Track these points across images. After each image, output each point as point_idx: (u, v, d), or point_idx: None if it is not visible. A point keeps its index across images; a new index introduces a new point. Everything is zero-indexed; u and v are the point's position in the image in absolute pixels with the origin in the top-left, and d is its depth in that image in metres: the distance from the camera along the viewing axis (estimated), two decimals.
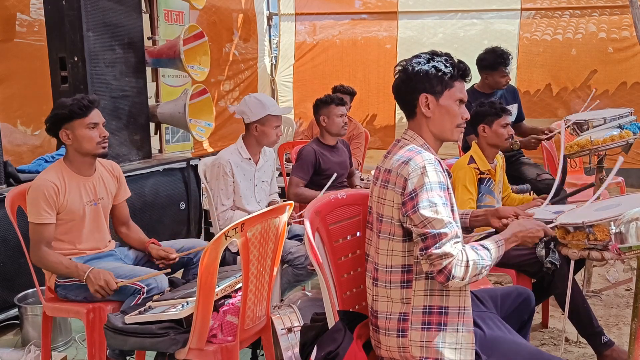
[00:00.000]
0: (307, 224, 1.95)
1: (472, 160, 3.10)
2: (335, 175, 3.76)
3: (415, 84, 1.92)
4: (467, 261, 1.73)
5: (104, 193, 2.84)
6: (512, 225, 1.97)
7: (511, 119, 3.29)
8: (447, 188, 1.83)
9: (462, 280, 1.73)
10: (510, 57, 4.15)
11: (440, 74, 1.90)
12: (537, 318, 3.36)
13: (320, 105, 3.91)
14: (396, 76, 1.99)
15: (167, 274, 2.72)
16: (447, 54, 1.95)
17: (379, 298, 1.91)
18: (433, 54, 1.95)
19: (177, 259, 2.83)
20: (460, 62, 1.95)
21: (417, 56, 1.96)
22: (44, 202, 2.59)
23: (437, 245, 1.72)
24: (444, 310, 1.84)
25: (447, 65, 1.91)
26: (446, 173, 1.86)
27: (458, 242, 1.76)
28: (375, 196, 1.92)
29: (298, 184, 3.76)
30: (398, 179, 1.82)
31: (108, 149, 2.80)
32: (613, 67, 6.84)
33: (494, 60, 4.12)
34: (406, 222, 1.81)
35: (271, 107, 3.32)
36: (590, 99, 4.29)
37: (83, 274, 2.55)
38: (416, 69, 1.92)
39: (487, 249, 1.81)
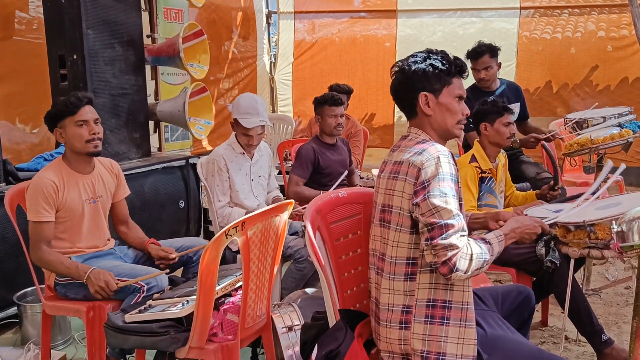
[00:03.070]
0: (308, 223, 1.95)
1: (473, 158, 3.10)
2: (346, 172, 3.77)
3: (413, 84, 1.92)
4: (472, 254, 1.73)
5: (103, 191, 2.83)
6: (509, 221, 1.97)
7: (513, 117, 3.29)
8: (458, 181, 1.84)
9: (465, 273, 1.73)
10: (481, 49, 4.13)
11: (437, 71, 1.91)
12: (536, 316, 3.36)
13: (316, 105, 3.93)
14: (393, 77, 1.99)
15: (167, 273, 2.72)
16: (442, 52, 1.96)
17: (381, 289, 1.91)
18: (429, 52, 1.95)
19: (176, 259, 2.82)
20: (456, 58, 1.96)
21: (412, 56, 1.97)
22: (43, 201, 2.59)
23: (444, 236, 1.72)
24: (447, 305, 1.83)
25: (444, 62, 1.92)
26: (456, 166, 1.86)
27: (464, 235, 1.76)
28: (383, 188, 1.92)
29: (297, 182, 3.76)
30: (410, 168, 1.82)
31: (107, 147, 2.77)
32: (612, 65, 6.83)
33: (467, 54, 4.17)
34: (415, 210, 1.80)
35: (242, 114, 3.32)
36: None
37: (84, 275, 2.55)
38: (413, 68, 1.92)
39: (490, 243, 1.82)
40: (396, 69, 1.98)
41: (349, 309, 2.04)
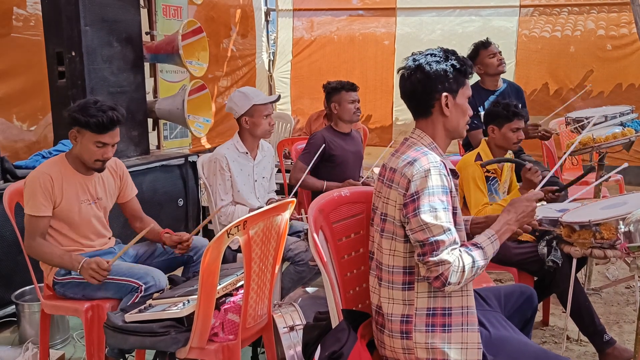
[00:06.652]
0: (311, 222, 1.93)
1: (478, 157, 3.07)
2: (323, 146, 3.76)
3: (434, 84, 1.88)
4: (464, 266, 1.72)
5: (102, 193, 2.80)
6: (501, 216, 1.92)
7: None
8: (451, 192, 1.81)
9: (458, 284, 1.73)
10: (488, 39, 4.14)
11: (456, 72, 1.88)
12: (537, 316, 3.33)
13: (331, 92, 3.83)
14: (410, 75, 1.91)
15: (165, 272, 2.69)
16: (454, 51, 1.93)
17: (382, 298, 1.90)
18: (446, 52, 1.91)
19: (191, 240, 2.81)
20: (466, 59, 1.93)
21: (430, 54, 1.91)
22: (41, 194, 2.57)
23: (435, 253, 1.72)
24: (447, 312, 1.82)
25: (461, 63, 1.89)
26: (450, 176, 1.84)
27: (455, 248, 1.75)
28: (382, 195, 1.90)
29: (302, 169, 3.71)
30: (402, 179, 1.81)
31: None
32: (611, 64, 6.84)
33: (475, 46, 4.14)
34: (406, 223, 1.79)
35: (255, 97, 3.30)
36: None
37: (77, 265, 2.52)
38: (435, 68, 1.87)
39: (481, 248, 1.79)
40: (413, 66, 1.90)
41: (351, 309, 2.03)
